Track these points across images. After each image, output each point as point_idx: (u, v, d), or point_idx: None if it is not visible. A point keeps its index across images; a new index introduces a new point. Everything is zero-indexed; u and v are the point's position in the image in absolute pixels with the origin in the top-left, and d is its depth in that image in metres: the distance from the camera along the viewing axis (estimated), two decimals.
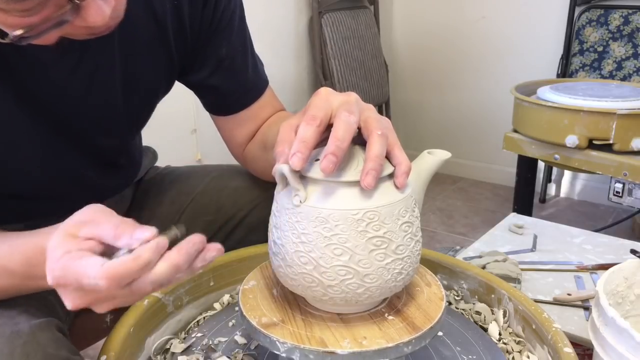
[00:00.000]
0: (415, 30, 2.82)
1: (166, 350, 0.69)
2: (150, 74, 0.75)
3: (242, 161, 0.90)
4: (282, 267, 0.56)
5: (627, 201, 1.49)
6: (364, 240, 0.52)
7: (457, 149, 2.83)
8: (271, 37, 2.27)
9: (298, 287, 0.56)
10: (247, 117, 0.84)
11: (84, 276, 0.46)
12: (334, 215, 0.52)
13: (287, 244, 0.54)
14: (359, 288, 0.53)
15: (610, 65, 2.23)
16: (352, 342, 0.54)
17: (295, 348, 0.53)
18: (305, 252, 0.53)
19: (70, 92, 0.67)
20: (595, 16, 2.24)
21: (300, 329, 0.56)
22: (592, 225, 2.01)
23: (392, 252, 0.53)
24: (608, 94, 1.51)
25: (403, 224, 0.54)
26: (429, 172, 0.62)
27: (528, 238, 1.19)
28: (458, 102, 2.76)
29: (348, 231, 0.52)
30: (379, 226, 0.52)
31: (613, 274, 0.71)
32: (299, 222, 0.53)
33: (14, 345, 0.52)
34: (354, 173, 0.53)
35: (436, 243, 2.14)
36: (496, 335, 0.71)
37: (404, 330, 0.56)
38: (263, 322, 0.56)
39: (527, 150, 1.65)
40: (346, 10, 2.48)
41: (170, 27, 0.73)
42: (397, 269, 0.54)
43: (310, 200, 0.53)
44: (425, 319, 0.58)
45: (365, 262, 0.52)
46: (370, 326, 0.57)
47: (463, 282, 0.78)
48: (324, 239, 0.52)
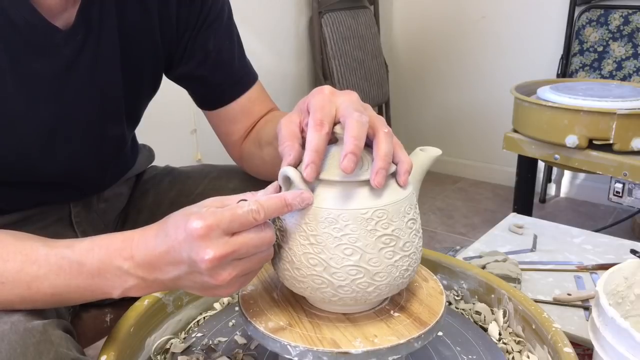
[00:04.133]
0: (415, 30, 2.82)
1: (166, 350, 0.69)
2: (143, 61, 0.76)
3: (238, 160, 0.91)
4: (289, 270, 0.55)
5: (627, 201, 1.48)
6: (373, 239, 0.53)
7: (457, 149, 2.83)
8: (271, 37, 2.27)
9: (306, 290, 0.55)
10: (239, 112, 0.85)
11: (238, 207, 0.50)
12: (344, 215, 0.52)
13: (295, 246, 0.54)
14: (369, 287, 0.54)
15: (610, 65, 2.23)
16: (364, 341, 0.54)
17: (307, 351, 0.53)
18: (315, 254, 0.53)
19: (76, 75, 0.69)
20: (595, 16, 2.24)
21: (310, 331, 0.56)
22: (592, 225, 2.01)
23: (399, 250, 0.54)
24: (608, 94, 1.51)
25: (409, 221, 0.55)
26: (422, 169, 0.62)
27: (528, 238, 1.19)
28: (458, 102, 2.76)
29: (358, 230, 0.52)
30: (388, 224, 0.53)
31: (613, 274, 0.71)
32: (308, 223, 0.53)
33: (27, 343, 0.51)
34: (359, 172, 0.54)
35: (436, 243, 2.14)
36: (496, 335, 0.71)
37: (412, 325, 0.56)
38: (270, 327, 0.56)
39: (527, 150, 1.65)
40: (346, 10, 2.47)
41: (157, 14, 0.75)
42: (404, 266, 0.55)
43: (318, 201, 0.53)
44: (430, 313, 0.58)
45: (376, 260, 0.53)
46: (378, 324, 0.57)
47: (463, 282, 0.78)
48: (334, 240, 0.52)
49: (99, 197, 0.86)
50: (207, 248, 0.49)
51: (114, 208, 0.90)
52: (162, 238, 0.52)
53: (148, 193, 0.93)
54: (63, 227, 0.81)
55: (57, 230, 0.80)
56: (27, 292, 0.54)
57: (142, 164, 0.96)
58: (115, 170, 0.87)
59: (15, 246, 0.55)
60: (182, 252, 0.50)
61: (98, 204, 0.86)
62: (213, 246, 0.49)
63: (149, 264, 0.53)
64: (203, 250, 0.49)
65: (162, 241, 0.52)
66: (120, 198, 0.91)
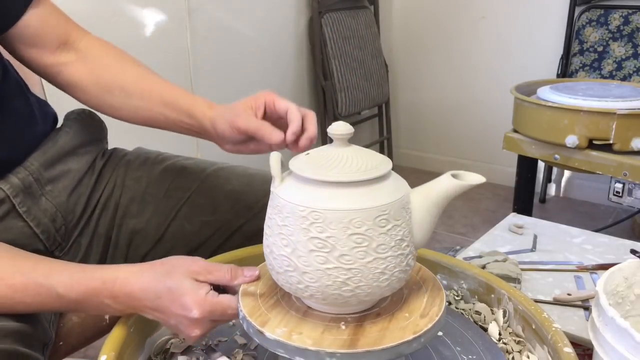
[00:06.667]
0: (415, 31, 2.82)
1: (166, 350, 0.69)
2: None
3: (61, 87, 0.86)
4: (269, 257, 0.58)
5: (627, 201, 1.48)
6: (305, 238, 0.53)
7: (457, 149, 2.83)
8: (271, 37, 2.27)
9: (274, 272, 0.58)
10: (32, 35, 0.80)
11: (228, 307, 0.61)
12: (286, 207, 0.54)
13: (271, 230, 0.57)
14: (300, 283, 0.55)
15: (610, 65, 2.23)
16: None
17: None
18: (286, 235, 0.55)
19: None
20: (595, 16, 2.24)
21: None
22: (592, 225, 2.01)
23: (372, 251, 0.53)
24: (608, 94, 1.51)
25: (385, 226, 0.54)
26: (445, 196, 0.57)
27: (528, 238, 1.19)
28: (458, 102, 2.76)
29: (293, 225, 0.54)
30: (322, 228, 0.53)
31: (613, 274, 0.70)
32: (271, 207, 0.58)
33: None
34: (320, 171, 0.54)
35: (436, 243, 2.14)
36: (496, 335, 0.71)
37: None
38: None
39: (527, 150, 1.65)
40: (346, 10, 2.47)
41: None
42: (379, 269, 0.54)
43: (280, 189, 0.56)
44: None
45: (349, 258, 0.53)
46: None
47: (463, 282, 0.78)
48: (277, 227, 0.55)
49: (39, 180, 0.79)
50: (195, 329, 0.61)
51: (65, 187, 0.83)
52: (151, 295, 0.61)
53: (141, 180, 0.90)
54: (12, 220, 0.77)
55: (7, 225, 0.76)
56: (1, 308, 0.61)
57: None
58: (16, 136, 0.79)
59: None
60: (170, 319, 0.61)
61: (44, 187, 0.80)
62: (201, 328, 0.61)
63: (132, 307, 0.62)
64: (192, 330, 0.61)
65: (151, 299, 0.61)
66: (69, 175, 0.84)
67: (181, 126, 0.82)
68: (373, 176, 0.54)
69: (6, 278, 0.60)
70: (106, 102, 0.84)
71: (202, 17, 1.93)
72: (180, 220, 0.89)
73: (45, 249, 0.80)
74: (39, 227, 0.79)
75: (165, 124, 0.83)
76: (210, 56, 1.99)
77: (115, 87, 0.83)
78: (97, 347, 0.68)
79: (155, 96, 0.82)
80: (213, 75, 2.01)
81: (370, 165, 0.55)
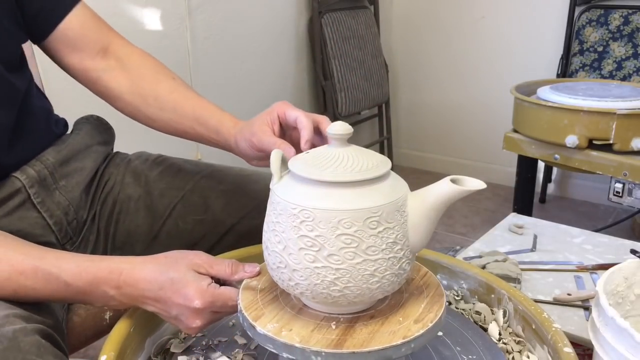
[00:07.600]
0: (415, 30, 2.82)
1: (166, 350, 0.69)
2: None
3: (96, 92, 0.88)
4: (265, 252, 0.58)
5: (627, 201, 1.48)
6: (296, 235, 0.54)
7: (457, 149, 2.83)
8: (271, 37, 2.27)
9: (275, 271, 0.58)
10: (74, 38, 0.83)
11: (229, 299, 0.62)
12: (280, 204, 0.55)
13: (266, 226, 0.58)
14: (291, 280, 0.55)
15: (610, 65, 2.23)
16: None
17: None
18: (279, 232, 0.55)
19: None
20: (595, 16, 2.24)
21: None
22: (592, 225, 2.01)
23: (362, 252, 0.53)
24: (608, 94, 1.51)
25: (377, 228, 0.53)
26: (443, 200, 0.56)
27: (528, 238, 1.19)
28: (458, 102, 2.76)
29: (285, 223, 0.54)
30: (312, 227, 0.53)
31: (613, 274, 0.70)
32: (269, 204, 0.58)
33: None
34: (314, 171, 0.54)
35: (436, 243, 2.14)
36: (496, 335, 0.71)
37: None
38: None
39: (527, 150, 1.65)
40: (346, 10, 2.47)
41: None
42: (368, 270, 0.53)
43: (277, 186, 0.57)
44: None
45: (337, 258, 0.53)
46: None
47: (463, 282, 0.78)
48: (272, 224, 0.56)
49: (54, 174, 0.82)
50: (196, 319, 0.62)
51: (77, 183, 0.86)
52: (155, 286, 0.62)
53: (139, 178, 0.92)
54: (27, 210, 0.79)
55: (22, 215, 0.78)
56: (14, 295, 0.61)
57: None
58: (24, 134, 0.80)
59: (6, 254, 0.62)
60: (172, 309, 0.62)
61: (58, 182, 0.83)
62: (202, 319, 0.62)
63: (134, 298, 0.63)
64: (193, 320, 0.62)
65: (154, 290, 0.62)
66: (83, 172, 0.87)
67: (210, 142, 0.83)
68: (367, 177, 0.54)
69: (16, 264, 0.61)
70: (141, 111, 0.86)
71: (202, 17, 1.93)
72: (174, 219, 0.90)
73: (57, 242, 0.81)
74: (52, 218, 0.81)
75: (196, 137, 0.84)
76: (210, 56, 1.99)
77: (150, 97, 0.85)
78: (97, 347, 0.68)
79: (187, 111, 0.83)
80: (213, 75, 2.01)
81: (367, 165, 0.55)
